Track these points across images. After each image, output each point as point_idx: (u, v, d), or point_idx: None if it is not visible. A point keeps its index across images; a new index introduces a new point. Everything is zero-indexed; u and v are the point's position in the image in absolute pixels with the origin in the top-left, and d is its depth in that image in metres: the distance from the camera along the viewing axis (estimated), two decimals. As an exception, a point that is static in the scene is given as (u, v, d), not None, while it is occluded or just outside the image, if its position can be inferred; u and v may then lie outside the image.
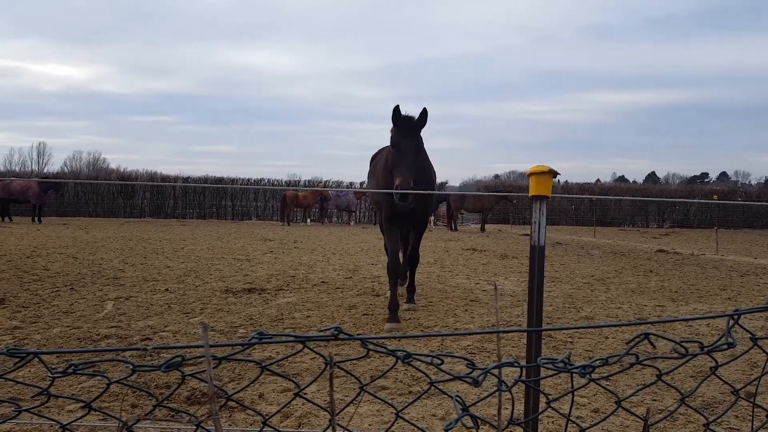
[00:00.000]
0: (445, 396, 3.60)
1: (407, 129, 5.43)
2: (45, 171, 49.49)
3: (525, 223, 32.76)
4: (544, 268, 3.00)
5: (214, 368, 0.87)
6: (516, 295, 7.51)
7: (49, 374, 1.01)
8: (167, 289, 7.48)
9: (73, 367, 1.01)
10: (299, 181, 35.19)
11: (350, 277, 8.91)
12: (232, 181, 34.39)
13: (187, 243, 14.94)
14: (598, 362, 1.56)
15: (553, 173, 2.76)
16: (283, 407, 1.40)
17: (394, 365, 1.29)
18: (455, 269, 10.22)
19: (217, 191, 33.12)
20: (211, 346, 0.92)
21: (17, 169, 50.47)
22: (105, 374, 1.07)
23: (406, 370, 4.17)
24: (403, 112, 5.49)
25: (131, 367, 1.00)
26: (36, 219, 23.51)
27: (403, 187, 5.00)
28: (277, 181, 35.56)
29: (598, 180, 53.59)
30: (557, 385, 3.84)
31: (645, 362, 1.64)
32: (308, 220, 29.98)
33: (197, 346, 0.93)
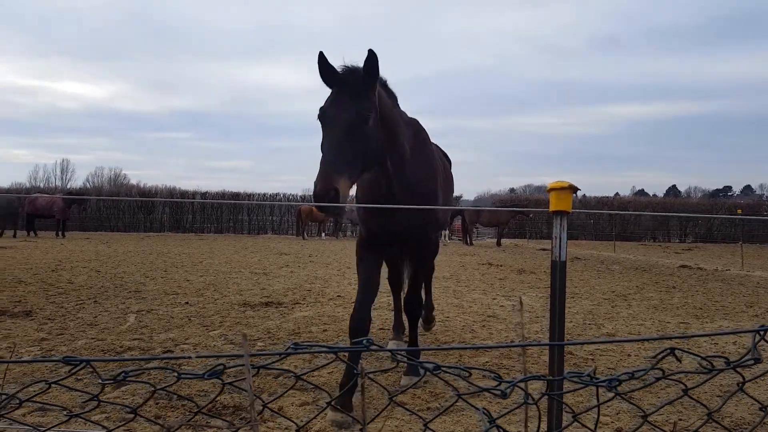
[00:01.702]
0: (464, 412, 3.58)
1: (340, 89, 3.27)
2: (68, 187, 50.44)
3: (542, 238, 32.53)
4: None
5: (258, 378, 0.90)
6: (535, 310, 7.46)
7: (100, 381, 1.04)
8: (187, 303, 7.55)
9: (123, 374, 1.04)
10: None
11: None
12: (249, 196, 34.73)
13: (206, 257, 15.08)
14: (624, 376, 1.56)
15: (573, 189, 2.78)
16: (315, 416, 1.42)
17: (422, 376, 1.31)
18: (471, 284, 10.18)
19: (234, 206, 33.44)
20: (251, 355, 0.95)
21: (42, 185, 51.54)
22: (149, 382, 1.10)
23: (424, 385, 4.16)
24: (343, 64, 3.33)
25: (176, 374, 1.03)
26: (60, 233, 23.91)
27: (317, 192, 2.92)
28: (293, 195, 35.95)
29: (617, 194, 53.05)
30: (578, 403, 3.80)
31: (671, 377, 1.63)
32: (323, 234, 30.09)
33: (237, 356, 0.96)
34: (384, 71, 3.38)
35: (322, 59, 3.25)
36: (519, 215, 26.04)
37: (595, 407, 1.65)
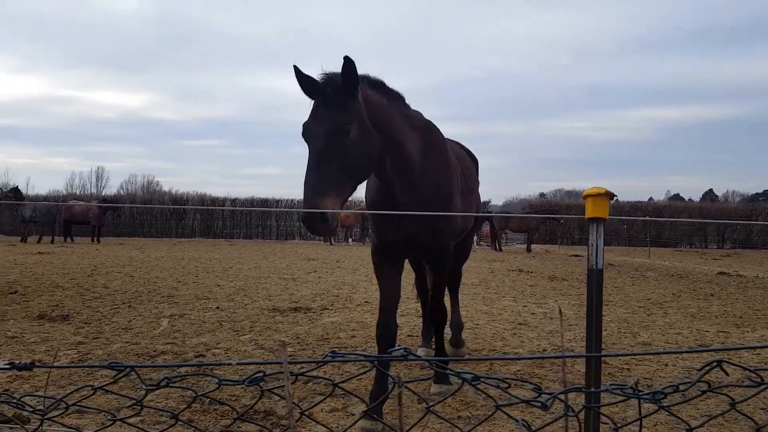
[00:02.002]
0: (496, 422, 3.51)
1: (319, 101, 3.12)
2: (103, 194, 51.76)
3: (573, 244, 32.02)
4: (601, 290, 2.93)
5: (291, 383, 0.88)
6: (568, 318, 7.31)
7: (143, 386, 1.04)
8: (218, 307, 7.64)
9: (166, 380, 1.05)
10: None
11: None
12: (277, 202, 35.14)
13: (236, 262, 15.26)
14: (668, 389, 1.50)
15: (610, 195, 2.73)
16: (353, 424, 1.40)
17: (460, 387, 1.27)
18: (501, 291, 10.05)
19: (263, 212, 33.86)
20: (289, 363, 0.94)
21: (77, 192, 52.95)
22: (191, 387, 1.11)
23: (454, 393, 4.11)
24: (322, 72, 3.16)
25: (217, 381, 1.03)
26: (95, 239, 24.52)
27: (307, 218, 2.92)
28: (321, 202, 36.05)
29: (650, 198, 51.84)
30: (613, 413, 3.70)
31: (717, 390, 1.56)
32: (350, 240, 30.18)
33: (276, 363, 0.95)
34: (409, 77, 3.36)
35: (297, 73, 3.12)
36: (549, 221, 25.63)
37: (637, 420, 1.59)
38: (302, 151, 3.11)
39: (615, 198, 2.93)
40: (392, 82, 3.57)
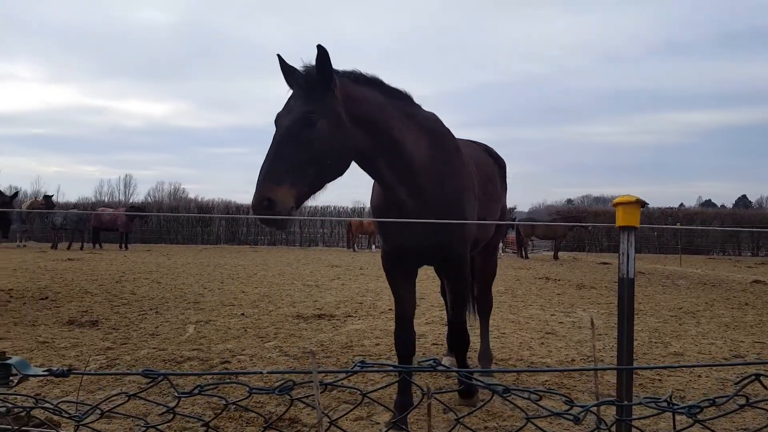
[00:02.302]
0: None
1: (293, 92, 3.04)
2: (131, 201, 52.80)
3: (602, 251, 31.49)
4: (632, 299, 2.85)
5: (321, 393, 0.87)
6: (597, 327, 7.17)
7: (176, 394, 1.05)
8: (243, 314, 7.69)
9: (198, 388, 1.05)
10: (364, 208, 35.64)
11: (417, 305, 8.83)
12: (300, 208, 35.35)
13: (260, 269, 15.38)
14: (704, 402, 1.44)
15: (641, 203, 2.68)
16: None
17: (490, 399, 1.24)
18: (528, 299, 9.91)
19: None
20: (319, 372, 0.92)
21: (106, 199, 54.24)
22: (222, 395, 1.11)
23: (479, 403, 4.04)
24: (303, 64, 3.03)
25: (248, 389, 1.02)
26: (123, 246, 24.99)
27: (252, 203, 2.76)
28: (343, 208, 36.27)
29: (681, 204, 50.74)
30: (646, 426, 3.59)
31: (755, 405, 1.50)
32: (373, 247, 30.18)
33: (306, 372, 0.94)
34: (435, 83, 3.31)
35: (281, 63, 3.05)
36: (577, 227, 25.22)
37: (673, 436, 1.53)
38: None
39: (646, 206, 2.87)
40: (417, 88, 3.52)
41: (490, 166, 4.55)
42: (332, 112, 2.93)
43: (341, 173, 3.10)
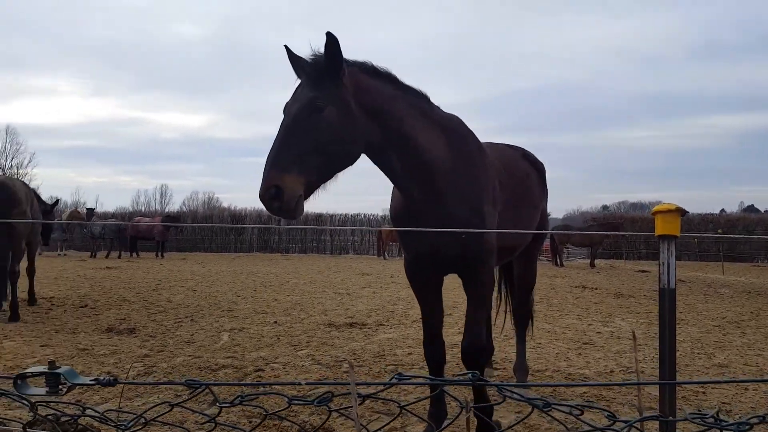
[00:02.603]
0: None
1: (302, 80, 2.99)
2: (166, 210, 53.98)
3: (640, 258, 30.73)
4: (676, 309, 2.74)
5: (359, 405, 0.84)
6: (636, 337, 6.97)
7: (218, 404, 1.05)
8: (276, 322, 7.73)
9: (240, 398, 1.05)
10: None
11: (450, 314, 8.71)
12: (331, 217, 35.66)
13: (292, 277, 15.49)
14: (754, 419, 1.36)
15: (681, 212, 2.60)
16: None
17: (530, 413, 1.19)
18: (564, 308, 9.71)
19: (317, 225, 34.47)
20: (357, 384, 0.89)
21: (143, 208, 55.57)
22: (262, 406, 1.10)
23: (516, 417, 3.95)
24: (312, 53, 2.96)
25: (287, 399, 1.01)
26: (159, 254, 25.53)
27: (261, 192, 2.68)
28: (373, 216, 36.35)
29: (722, 210, 49.08)
30: (693, 441, 3.45)
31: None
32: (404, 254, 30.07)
33: (344, 384, 0.91)
34: (467, 89, 3.25)
35: (289, 53, 3.01)
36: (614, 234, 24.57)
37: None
38: (359, 165, 3.06)
39: (686, 214, 2.77)
40: (451, 95, 3.45)
41: (525, 170, 4.38)
42: (341, 99, 2.86)
43: (351, 162, 3.00)
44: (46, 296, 9.95)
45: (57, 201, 10.19)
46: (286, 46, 3.03)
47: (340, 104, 2.84)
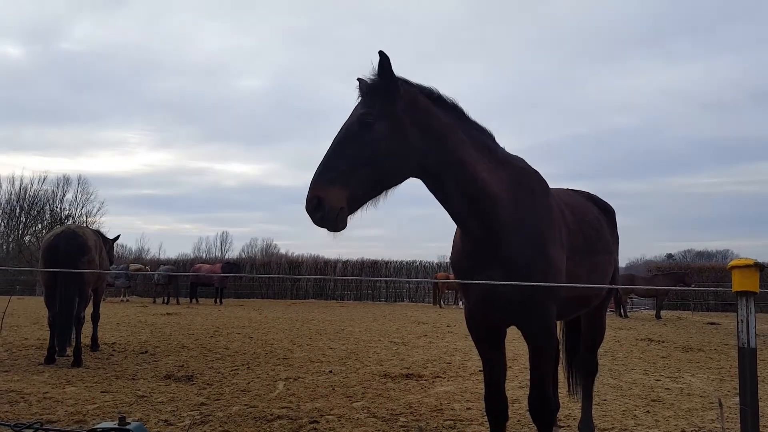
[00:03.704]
0: None
1: (359, 100, 3.02)
2: (226, 257, 55.47)
3: (708, 310, 28.99)
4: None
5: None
6: (707, 395, 6.50)
7: None
8: (331, 371, 7.68)
9: None
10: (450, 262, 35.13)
11: (510, 367, 8.41)
12: (386, 264, 35.63)
13: (346, 324, 15.44)
14: None
15: (760, 266, 2.49)
16: None
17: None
18: (629, 362, 9.21)
19: (372, 273, 34.49)
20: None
21: (204, 255, 57.32)
22: None
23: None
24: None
25: None
26: (218, 301, 26.11)
27: (306, 203, 2.73)
28: (429, 263, 36.06)
29: (797, 259, 45.99)
30: None
31: None
32: (460, 303, 29.52)
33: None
34: (528, 135, 3.20)
35: (359, 81, 3.03)
36: (680, 284, 23.30)
37: None
38: (414, 212, 3.11)
39: (765, 269, 2.66)
40: (512, 139, 3.42)
41: (593, 214, 4.18)
42: (392, 115, 2.87)
43: (399, 180, 2.98)
44: (108, 342, 10.30)
45: (118, 236, 10.66)
46: (359, 79, 3.05)
47: (392, 120, 2.87)
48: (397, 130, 2.87)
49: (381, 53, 2.86)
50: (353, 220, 2.86)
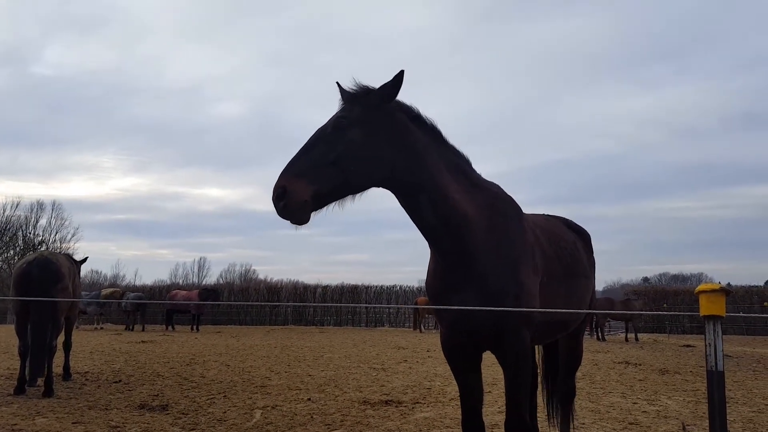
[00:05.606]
0: None
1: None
2: (203, 283, 54.63)
3: (684, 332, 29.36)
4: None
5: None
6: (683, 417, 6.57)
7: None
8: (309, 399, 7.59)
9: None
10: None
11: (489, 392, 8.41)
12: (366, 288, 35.52)
13: (326, 351, 15.28)
14: None
15: (726, 291, 2.57)
16: None
17: None
18: (607, 385, 9.27)
19: (352, 299, 34.31)
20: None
21: (180, 281, 56.34)
22: None
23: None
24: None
25: None
26: (195, 328, 25.65)
27: (273, 192, 2.79)
28: (408, 287, 36.06)
29: (767, 282, 47.02)
30: None
31: None
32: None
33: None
34: (504, 159, 3.25)
35: (339, 88, 3.17)
36: (655, 307, 23.64)
37: None
38: (394, 237, 3.14)
39: (731, 294, 2.74)
40: (485, 167, 3.47)
41: (569, 238, 4.20)
42: (367, 124, 2.97)
43: (365, 186, 3.04)
44: (80, 371, 10.03)
45: (85, 259, 10.45)
46: (337, 83, 3.19)
47: (366, 128, 2.97)
48: (369, 138, 2.96)
49: (399, 73, 3.01)
50: (331, 235, 2.90)
